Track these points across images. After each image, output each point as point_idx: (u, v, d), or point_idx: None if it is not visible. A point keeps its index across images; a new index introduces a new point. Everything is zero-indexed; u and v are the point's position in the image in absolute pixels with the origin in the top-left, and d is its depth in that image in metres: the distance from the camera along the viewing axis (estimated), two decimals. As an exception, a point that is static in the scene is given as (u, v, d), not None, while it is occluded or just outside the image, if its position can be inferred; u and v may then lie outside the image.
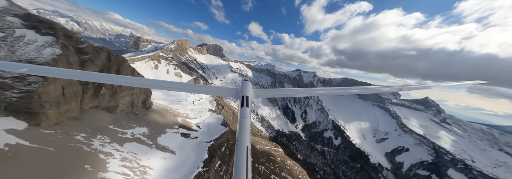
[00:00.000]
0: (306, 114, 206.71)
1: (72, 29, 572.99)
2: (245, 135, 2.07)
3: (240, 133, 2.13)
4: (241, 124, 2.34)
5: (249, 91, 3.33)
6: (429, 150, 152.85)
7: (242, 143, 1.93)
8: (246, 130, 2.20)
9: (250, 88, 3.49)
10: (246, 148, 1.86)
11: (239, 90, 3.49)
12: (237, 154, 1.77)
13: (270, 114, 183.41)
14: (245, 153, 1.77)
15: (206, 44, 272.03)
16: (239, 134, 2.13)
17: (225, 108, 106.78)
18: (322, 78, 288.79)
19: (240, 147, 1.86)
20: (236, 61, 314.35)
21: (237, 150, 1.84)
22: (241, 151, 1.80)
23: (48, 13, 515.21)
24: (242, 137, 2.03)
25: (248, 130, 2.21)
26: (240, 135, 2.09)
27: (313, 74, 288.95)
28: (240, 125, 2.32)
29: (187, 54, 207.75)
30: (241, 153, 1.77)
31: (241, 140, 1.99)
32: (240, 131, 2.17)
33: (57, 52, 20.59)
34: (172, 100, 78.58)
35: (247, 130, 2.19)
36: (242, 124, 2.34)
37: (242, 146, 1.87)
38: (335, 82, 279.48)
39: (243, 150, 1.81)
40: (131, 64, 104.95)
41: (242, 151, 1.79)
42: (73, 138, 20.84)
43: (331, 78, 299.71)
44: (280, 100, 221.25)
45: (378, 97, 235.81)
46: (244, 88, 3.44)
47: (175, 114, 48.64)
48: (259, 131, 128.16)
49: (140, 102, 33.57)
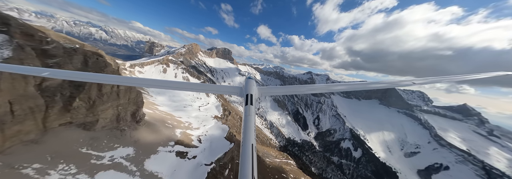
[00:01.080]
0: (319, 120, 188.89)
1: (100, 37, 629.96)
2: (250, 133, 2.14)
3: (245, 131, 2.19)
4: (246, 122, 2.37)
5: (253, 89, 3.29)
6: (478, 170, 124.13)
7: (247, 140, 2.01)
8: (251, 128, 2.24)
9: (254, 86, 3.43)
10: (251, 145, 1.93)
11: (243, 88, 3.42)
12: (243, 152, 1.85)
13: (280, 120, 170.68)
14: (250, 150, 1.85)
15: (215, 48, 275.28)
16: (244, 132, 2.18)
17: (232, 113, 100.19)
18: (337, 82, 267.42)
19: (246, 145, 1.94)
20: (244, 64, 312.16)
21: (243, 148, 1.91)
22: (247, 148, 1.88)
23: (82, 24, 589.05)
24: (247, 135, 2.10)
25: (253, 127, 2.25)
26: (245, 133, 2.15)
27: (326, 77, 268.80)
28: (245, 123, 2.35)
29: (197, 58, 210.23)
30: (246, 151, 1.85)
31: (246, 137, 2.06)
32: (245, 129, 2.23)
33: (4, 55, 15.36)
34: (176, 106, 74.53)
35: (251, 128, 2.24)
36: (246, 122, 2.37)
37: (247, 144, 1.94)
38: None
39: (248, 147, 1.89)
40: (140, 68, 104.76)
41: (248, 149, 1.87)
42: (18, 172, 15.08)
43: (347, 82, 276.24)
44: (290, 104, 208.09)
45: (404, 103, 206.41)
46: (248, 86, 3.39)
47: (175, 125, 42.81)
48: (268, 139, 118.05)
49: (129, 115, 27.81)
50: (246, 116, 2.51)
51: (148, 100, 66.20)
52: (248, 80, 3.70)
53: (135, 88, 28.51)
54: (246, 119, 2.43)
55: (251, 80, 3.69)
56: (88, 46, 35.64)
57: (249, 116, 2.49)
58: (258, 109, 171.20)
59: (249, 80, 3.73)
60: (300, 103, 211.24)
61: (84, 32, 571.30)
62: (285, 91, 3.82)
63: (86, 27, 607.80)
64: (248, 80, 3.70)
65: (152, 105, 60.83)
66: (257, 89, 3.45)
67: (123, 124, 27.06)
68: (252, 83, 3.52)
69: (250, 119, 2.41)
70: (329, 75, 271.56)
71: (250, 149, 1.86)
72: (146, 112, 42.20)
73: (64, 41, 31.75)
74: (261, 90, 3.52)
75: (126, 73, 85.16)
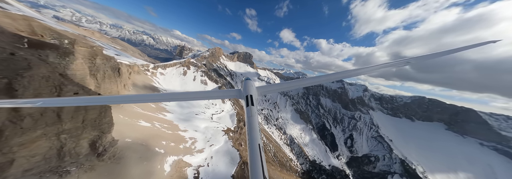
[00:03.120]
0: (353, 141, 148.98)
1: (149, 43, 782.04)
2: (255, 133, 2.14)
3: (250, 132, 2.18)
4: (250, 123, 2.39)
5: (252, 89, 3.33)
6: None
7: (254, 141, 1.99)
8: (255, 128, 2.25)
9: (253, 86, 3.48)
10: (258, 145, 1.92)
11: (241, 90, 3.46)
12: (250, 153, 1.82)
13: (302, 136, 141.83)
14: (258, 151, 1.83)
15: (237, 52, 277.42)
16: (249, 133, 2.18)
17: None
18: (378, 95, 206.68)
19: (252, 145, 1.91)
20: (264, 68, 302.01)
21: (250, 149, 1.89)
22: (254, 149, 1.86)
23: (138, 33, 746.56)
24: (253, 136, 2.09)
25: (257, 127, 2.28)
26: (250, 134, 2.15)
27: (363, 88, 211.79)
28: (249, 124, 2.37)
29: (219, 61, 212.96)
30: (254, 151, 1.82)
31: (252, 138, 2.05)
32: (250, 130, 2.23)
33: None
34: (187, 114, 66.64)
35: (256, 128, 2.25)
36: (250, 123, 2.39)
37: (254, 144, 1.93)
38: (401, 102, 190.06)
39: (256, 148, 1.87)
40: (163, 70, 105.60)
41: (255, 149, 1.85)
42: None
43: (393, 96, 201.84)
44: (314, 117, 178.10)
45: (492, 133, 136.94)
46: (246, 87, 3.42)
47: (170, 147, 31.84)
48: (288, 159, 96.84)
49: (85, 146, 17.31)
50: (249, 117, 2.49)
51: (158, 105, 60.41)
52: (246, 82, 3.66)
53: None
54: (250, 120, 2.43)
55: (250, 81, 3.67)
56: (80, 43, 29.57)
57: (252, 117, 2.48)
58: (277, 119, 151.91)
59: (248, 81, 3.70)
60: (327, 116, 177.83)
61: (138, 39, 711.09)
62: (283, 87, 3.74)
63: (140, 35, 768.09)
64: (246, 82, 3.66)
65: (161, 112, 53.70)
66: (256, 89, 3.44)
67: (70, 161, 16.35)
68: (251, 84, 3.51)
69: (254, 120, 2.41)
70: (367, 86, 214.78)
71: (258, 150, 1.84)
72: (141, 126, 33.20)
73: (51, 34, 25.74)
74: (260, 90, 3.52)
75: (148, 74, 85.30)
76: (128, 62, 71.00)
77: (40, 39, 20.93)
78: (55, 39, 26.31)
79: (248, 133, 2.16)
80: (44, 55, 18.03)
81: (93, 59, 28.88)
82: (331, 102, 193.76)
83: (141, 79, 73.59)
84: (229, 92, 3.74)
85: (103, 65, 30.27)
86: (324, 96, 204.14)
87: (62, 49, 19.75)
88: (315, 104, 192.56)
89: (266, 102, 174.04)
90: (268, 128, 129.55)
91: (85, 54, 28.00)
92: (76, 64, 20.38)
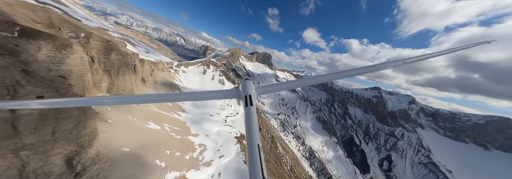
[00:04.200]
0: (391, 164, 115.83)
1: (181, 44, 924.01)
2: (254, 134, 2.13)
3: (249, 132, 2.18)
4: (249, 123, 2.39)
5: (251, 90, 3.35)
6: None
7: (253, 141, 1.97)
8: (254, 128, 2.25)
9: (252, 87, 3.51)
10: (257, 145, 1.90)
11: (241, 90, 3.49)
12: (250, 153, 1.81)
13: (325, 150, 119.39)
14: (257, 151, 1.81)
15: (256, 52, 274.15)
16: (248, 133, 2.18)
17: (263, 131, 79.39)
18: (431, 109, 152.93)
19: (252, 146, 1.90)
20: (283, 70, 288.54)
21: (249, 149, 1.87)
22: (253, 149, 1.84)
23: (173, 35, 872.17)
24: (252, 136, 2.08)
25: (256, 128, 2.29)
26: (249, 134, 2.14)
27: (408, 99, 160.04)
28: (248, 124, 2.37)
29: (238, 61, 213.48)
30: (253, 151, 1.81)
31: (251, 139, 2.03)
32: (249, 130, 2.22)
33: None
34: (202, 114, 64.10)
35: (255, 128, 2.25)
36: (249, 123, 2.38)
37: (253, 144, 1.91)
38: (468, 122, 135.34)
39: (255, 148, 1.86)
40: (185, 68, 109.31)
41: (254, 149, 1.83)
42: None
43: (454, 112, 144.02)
44: (339, 128, 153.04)
45: None
46: (246, 87, 3.45)
47: (174, 159, 27.34)
48: (307, 176, 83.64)
49: (59, 162, 13.27)
50: (248, 117, 2.49)
51: (175, 103, 59.74)
52: (245, 82, 3.67)
53: (81, 109, 13.75)
54: (249, 120, 2.42)
55: (249, 82, 3.69)
56: (96, 36, 28.21)
57: (251, 117, 2.48)
58: (295, 127, 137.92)
59: (247, 81, 3.70)
60: (356, 128, 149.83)
61: (173, 40, 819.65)
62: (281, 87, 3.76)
63: (174, 36, 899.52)
64: (245, 82, 3.67)
65: (176, 111, 52.07)
66: (255, 89, 3.47)
67: (36, 184, 12.23)
68: (250, 84, 3.53)
69: (253, 120, 2.42)
70: (414, 97, 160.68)
71: (257, 150, 1.83)
72: (148, 130, 30.19)
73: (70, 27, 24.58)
74: (259, 90, 3.56)
75: (171, 72, 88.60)
76: (154, 60, 74.68)
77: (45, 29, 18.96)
78: (73, 32, 25.28)
79: (247, 133, 2.15)
80: (36, 45, 15.11)
81: (108, 54, 27.02)
82: (362, 113, 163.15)
83: (164, 76, 76.32)
84: (228, 92, 3.67)
85: (117, 61, 28.40)
86: (354, 105, 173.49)
87: (60, 40, 16.77)
88: (341, 113, 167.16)
89: (283, 106, 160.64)
90: (285, 135, 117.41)
91: (100, 49, 26.31)
92: (74, 58, 17.12)
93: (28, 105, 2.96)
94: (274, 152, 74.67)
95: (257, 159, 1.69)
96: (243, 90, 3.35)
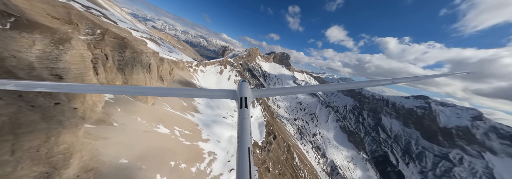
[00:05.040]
0: None
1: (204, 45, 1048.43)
2: (246, 137, 2.09)
3: (241, 135, 2.14)
4: (242, 125, 2.34)
5: (247, 92, 3.31)
6: None
7: (244, 144, 1.95)
8: (246, 131, 2.22)
9: (248, 89, 3.51)
10: (247, 149, 1.88)
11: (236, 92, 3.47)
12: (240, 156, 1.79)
13: (351, 167, 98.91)
14: (247, 154, 1.79)
15: (273, 53, 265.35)
16: (240, 135, 2.14)
17: (278, 139, 71.93)
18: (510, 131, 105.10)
19: (242, 149, 1.88)
20: (302, 71, 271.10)
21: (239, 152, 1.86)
22: (243, 152, 1.82)
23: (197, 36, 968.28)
24: (243, 139, 2.04)
25: (249, 131, 2.25)
26: (241, 137, 2.10)
27: (472, 114, 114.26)
28: (241, 126, 2.32)
29: (254, 62, 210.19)
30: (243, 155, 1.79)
31: (243, 141, 2.00)
32: (241, 133, 2.18)
33: None
34: (215, 116, 61.65)
35: (247, 131, 2.22)
36: (242, 125, 2.34)
37: (244, 148, 1.89)
38: None
39: (245, 151, 1.84)
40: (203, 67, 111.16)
41: (244, 153, 1.81)
42: None
43: None
44: (370, 142, 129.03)
45: None
46: (242, 89, 3.44)
47: (180, 171, 23.92)
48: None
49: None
50: (242, 119, 2.47)
51: (191, 103, 58.90)
52: (242, 83, 3.69)
53: (53, 121, 10.40)
54: (242, 122, 2.39)
55: (245, 83, 3.70)
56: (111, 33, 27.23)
57: (244, 119, 2.46)
58: (314, 135, 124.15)
59: (243, 83, 3.74)
60: (392, 144, 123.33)
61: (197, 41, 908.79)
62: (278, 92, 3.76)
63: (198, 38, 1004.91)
64: (242, 83, 3.69)
65: (190, 112, 50.73)
66: (251, 91, 3.43)
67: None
68: (246, 86, 3.52)
69: (246, 122, 2.38)
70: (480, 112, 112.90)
71: (247, 153, 1.80)
72: (157, 135, 27.86)
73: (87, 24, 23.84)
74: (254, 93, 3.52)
75: (191, 71, 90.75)
76: (175, 59, 77.27)
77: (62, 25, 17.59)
78: (90, 29, 24.64)
79: (239, 136, 2.11)
80: (29, 39, 12.97)
81: (123, 51, 25.57)
82: (401, 126, 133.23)
83: (183, 75, 78.14)
84: (223, 92, 3.60)
85: (132, 59, 26.93)
86: (389, 115, 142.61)
87: (59, 34, 14.51)
88: (371, 124, 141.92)
89: (301, 111, 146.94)
90: (302, 144, 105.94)
91: (115, 46, 25.01)
92: (72, 54, 14.62)
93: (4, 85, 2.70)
94: (290, 164, 66.34)
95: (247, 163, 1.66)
96: (239, 91, 3.28)
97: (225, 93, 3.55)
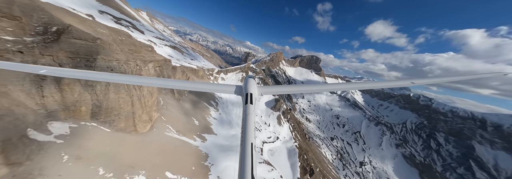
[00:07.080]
0: None
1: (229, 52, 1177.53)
2: (249, 132, 2.13)
3: (245, 130, 2.18)
4: (246, 121, 2.38)
5: (253, 88, 3.37)
6: None
7: (247, 139, 2.00)
8: (250, 126, 2.26)
9: (254, 85, 3.58)
10: (250, 144, 1.93)
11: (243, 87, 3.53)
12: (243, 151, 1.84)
13: None
14: (250, 149, 1.84)
15: (300, 56, 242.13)
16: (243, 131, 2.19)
17: (316, 173, 51.47)
18: None
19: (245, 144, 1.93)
20: (335, 76, 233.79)
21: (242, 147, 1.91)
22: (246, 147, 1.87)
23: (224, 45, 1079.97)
24: (247, 134, 2.09)
25: (253, 126, 2.30)
26: (245, 132, 2.15)
27: None
28: (245, 122, 2.37)
29: (278, 67, 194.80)
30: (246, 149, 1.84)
31: (246, 136, 2.05)
32: (245, 128, 2.22)
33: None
34: (231, 138, 48.48)
35: (251, 127, 2.26)
36: (246, 121, 2.38)
37: (247, 143, 1.94)
38: None
39: (248, 146, 1.89)
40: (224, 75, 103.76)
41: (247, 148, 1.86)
42: None
43: None
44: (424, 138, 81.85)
45: None
46: (248, 85, 3.50)
47: None
48: None
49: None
50: (246, 115, 2.52)
51: (205, 119, 48.79)
52: (248, 79, 3.76)
53: None
54: (247, 118, 2.43)
55: (251, 79, 3.75)
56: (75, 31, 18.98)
57: (249, 115, 2.50)
58: (362, 165, 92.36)
59: (249, 79, 3.79)
60: None
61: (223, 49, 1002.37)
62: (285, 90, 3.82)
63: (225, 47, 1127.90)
64: (248, 79, 3.76)
65: (200, 134, 39.80)
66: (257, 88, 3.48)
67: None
68: (252, 82, 3.58)
69: (250, 118, 2.42)
70: None
71: (250, 148, 1.85)
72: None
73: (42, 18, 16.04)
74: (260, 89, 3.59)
75: (211, 79, 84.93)
76: (196, 67, 72.74)
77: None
78: (42, 26, 16.85)
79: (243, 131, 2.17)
80: None
81: (92, 59, 16.41)
82: None
83: (202, 83, 72.23)
84: (229, 87, 3.63)
85: (108, 69, 17.60)
86: (489, 143, 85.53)
87: None
88: (455, 154, 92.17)
89: (339, 128, 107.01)
90: (346, 177, 76.23)
91: (78, 51, 16.00)
92: None
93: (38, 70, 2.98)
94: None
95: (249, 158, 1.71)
96: (245, 87, 3.32)
97: (231, 88, 3.53)
